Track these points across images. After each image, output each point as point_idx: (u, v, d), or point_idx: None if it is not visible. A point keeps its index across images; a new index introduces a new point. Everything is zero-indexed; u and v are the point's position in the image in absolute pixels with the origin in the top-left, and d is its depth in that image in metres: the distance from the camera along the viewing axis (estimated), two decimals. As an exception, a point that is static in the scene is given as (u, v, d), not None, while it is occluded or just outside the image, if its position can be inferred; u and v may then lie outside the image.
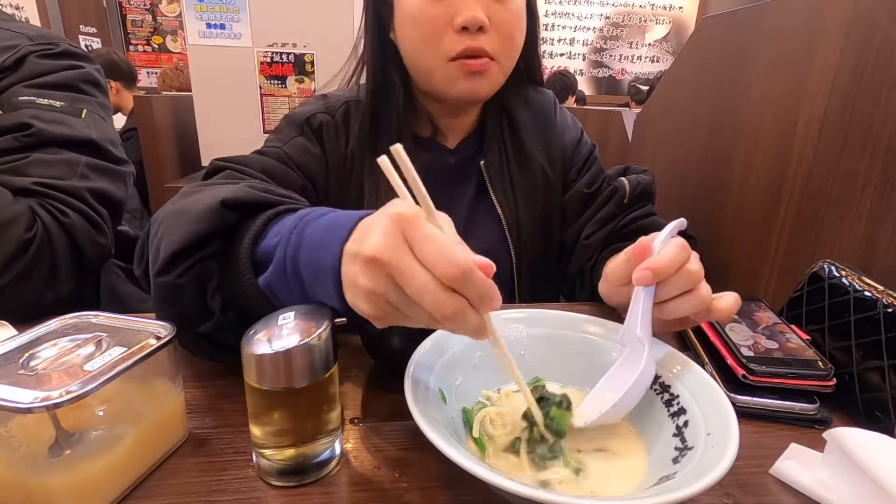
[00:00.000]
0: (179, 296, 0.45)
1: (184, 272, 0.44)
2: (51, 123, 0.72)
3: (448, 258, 0.32)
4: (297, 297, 0.42)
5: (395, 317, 0.36)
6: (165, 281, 0.45)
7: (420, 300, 0.33)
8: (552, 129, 0.82)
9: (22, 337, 0.39)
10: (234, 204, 0.46)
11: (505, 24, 0.65)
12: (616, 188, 0.77)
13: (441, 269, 0.32)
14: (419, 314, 0.34)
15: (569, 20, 5.01)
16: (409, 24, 0.66)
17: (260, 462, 0.39)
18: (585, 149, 0.84)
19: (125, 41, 4.77)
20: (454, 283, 0.32)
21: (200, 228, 0.44)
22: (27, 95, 0.73)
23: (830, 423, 0.48)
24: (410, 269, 0.32)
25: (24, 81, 0.74)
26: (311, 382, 0.37)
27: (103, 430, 0.37)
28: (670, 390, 0.43)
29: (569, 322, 0.51)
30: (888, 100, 0.61)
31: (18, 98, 0.72)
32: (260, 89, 2.44)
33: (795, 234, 0.75)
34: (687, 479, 0.33)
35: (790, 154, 0.76)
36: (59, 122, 0.73)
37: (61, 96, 0.76)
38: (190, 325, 0.45)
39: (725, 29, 0.95)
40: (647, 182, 0.79)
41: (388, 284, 0.34)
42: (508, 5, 0.65)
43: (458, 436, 0.40)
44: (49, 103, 0.73)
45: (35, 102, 0.73)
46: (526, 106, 0.81)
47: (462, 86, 0.67)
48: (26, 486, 0.34)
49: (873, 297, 0.51)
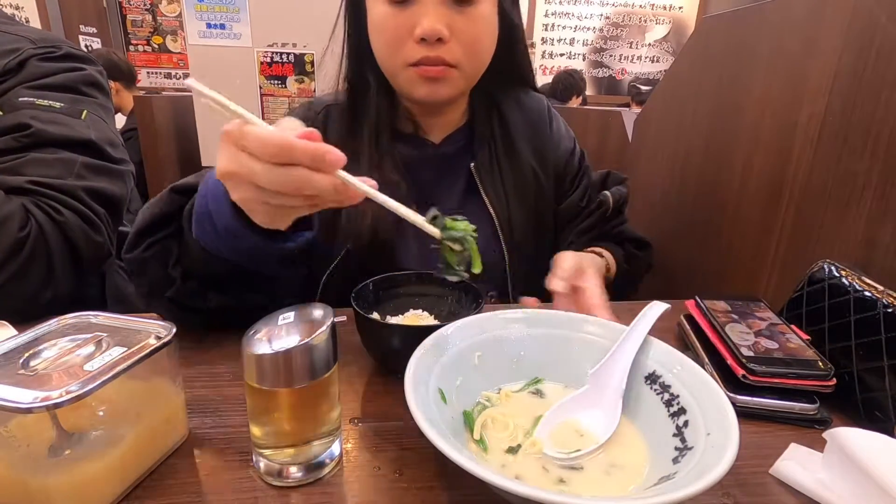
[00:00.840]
0: (145, 269, 0.55)
1: (146, 248, 0.54)
2: (49, 124, 0.72)
3: (265, 142, 0.37)
4: (210, 235, 0.49)
5: (273, 210, 0.43)
6: (132, 257, 0.55)
7: (270, 186, 0.39)
8: (545, 134, 0.83)
9: (22, 337, 0.39)
10: (183, 188, 0.55)
11: (466, 34, 0.66)
12: (601, 202, 0.84)
13: (264, 152, 0.38)
14: (281, 199, 0.40)
15: (569, 20, 5.01)
16: (374, 30, 0.68)
17: (260, 462, 0.39)
18: (577, 159, 0.86)
19: (125, 41, 4.77)
20: (284, 159, 0.38)
21: (156, 210, 0.54)
22: (27, 96, 0.73)
23: (830, 423, 0.48)
24: (247, 166, 0.39)
25: (25, 83, 0.74)
26: (311, 382, 0.37)
27: (103, 430, 0.37)
28: (670, 390, 0.43)
29: (569, 322, 0.51)
30: (888, 100, 0.61)
31: (19, 99, 0.72)
32: (260, 89, 2.44)
33: (795, 234, 0.75)
34: (687, 479, 0.33)
35: (790, 154, 0.76)
36: (58, 123, 0.73)
37: (61, 97, 0.76)
38: (158, 292, 0.54)
39: (725, 29, 0.95)
40: (625, 195, 0.85)
41: (247, 185, 0.40)
42: (471, 15, 0.66)
43: (458, 436, 0.40)
44: (48, 104, 0.74)
45: (34, 103, 0.73)
46: (517, 107, 0.82)
47: (421, 90, 0.69)
48: (26, 486, 0.34)
49: (873, 297, 0.51)
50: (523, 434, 0.43)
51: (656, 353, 0.47)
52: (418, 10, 0.64)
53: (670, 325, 0.65)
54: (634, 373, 0.46)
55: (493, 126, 0.79)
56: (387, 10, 0.65)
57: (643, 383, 0.46)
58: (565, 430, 0.44)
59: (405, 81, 0.69)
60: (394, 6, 0.65)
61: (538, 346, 0.50)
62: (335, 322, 0.38)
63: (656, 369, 0.45)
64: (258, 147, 0.38)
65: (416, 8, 0.64)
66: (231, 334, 0.56)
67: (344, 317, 0.62)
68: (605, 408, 0.45)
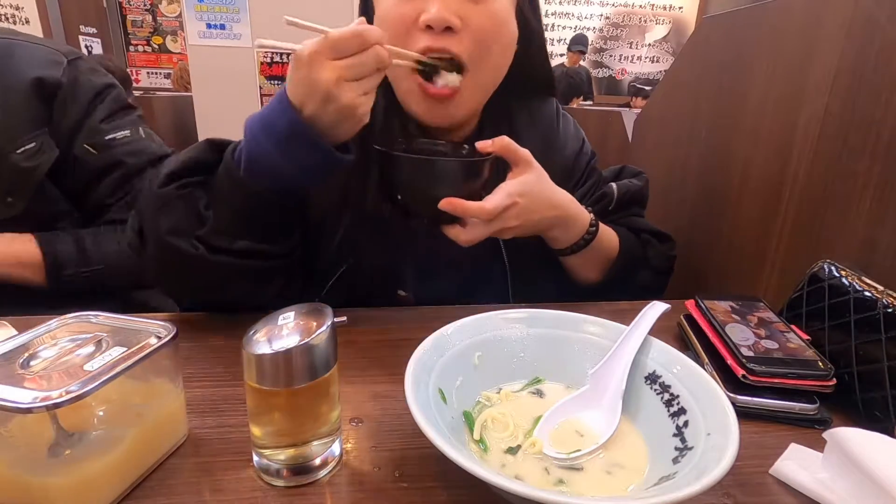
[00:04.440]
0: (177, 204, 0.57)
1: (180, 187, 0.57)
2: (131, 156, 0.86)
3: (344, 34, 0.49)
4: (266, 148, 0.53)
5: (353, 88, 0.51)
6: (165, 192, 0.57)
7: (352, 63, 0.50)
8: (554, 140, 0.79)
9: (22, 337, 0.39)
10: (220, 143, 0.60)
11: (478, 27, 0.61)
12: (605, 193, 0.78)
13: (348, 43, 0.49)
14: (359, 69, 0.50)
15: (569, 20, 5.02)
16: (380, 23, 0.63)
17: (260, 462, 0.39)
18: (584, 159, 0.81)
19: (125, 42, 4.77)
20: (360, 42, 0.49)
21: (192, 155, 0.59)
22: (108, 133, 0.85)
23: (830, 423, 0.48)
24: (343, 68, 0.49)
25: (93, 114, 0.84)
26: (310, 382, 0.37)
27: (103, 430, 0.37)
28: (670, 390, 0.43)
29: (569, 322, 0.51)
30: (888, 100, 0.61)
31: (105, 138, 0.84)
32: (260, 89, 2.44)
33: (795, 235, 0.75)
34: (687, 479, 0.33)
35: (790, 154, 0.76)
36: (138, 152, 0.87)
37: (125, 123, 0.88)
38: (188, 229, 0.56)
39: (725, 29, 0.95)
40: (636, 188, 0.79)
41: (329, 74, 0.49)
42: (486, 8, 0.61)
43: (458, 436, 0.40)
44: (124, 136, 0.86)
45: (116, 139, 0.85)
46: (529, 117, 0.77)
47: (421, 105, 0.64)
48: (26, 486, 0.34)
49: (873, 297, 0.51)
50: (523, 434, 0.43)
51: (656, 353, 0.47)
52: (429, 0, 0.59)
53: (670, 325, 0.65)
54: (634, 373, 0.46)
55: None
56: (394, 1, 0.61)
57: (643, 383, 0.46)
58: (565, 431, 0.44)
59: (406, 91, 0.64)
60: None
61: (538, 346, 0.50)
62: (335, 322, 0.38)
63: (656, 369, 0.45)
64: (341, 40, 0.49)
65: None
66: (231, 334, 0.56)
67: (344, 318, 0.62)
68: (605, 408, 0.45)
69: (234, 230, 0.57)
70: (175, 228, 0.56)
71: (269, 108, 0.54)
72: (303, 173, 0.55)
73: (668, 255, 0.80)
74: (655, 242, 0.78)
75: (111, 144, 0.84)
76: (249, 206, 0.56)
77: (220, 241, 0.56)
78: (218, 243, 0.56)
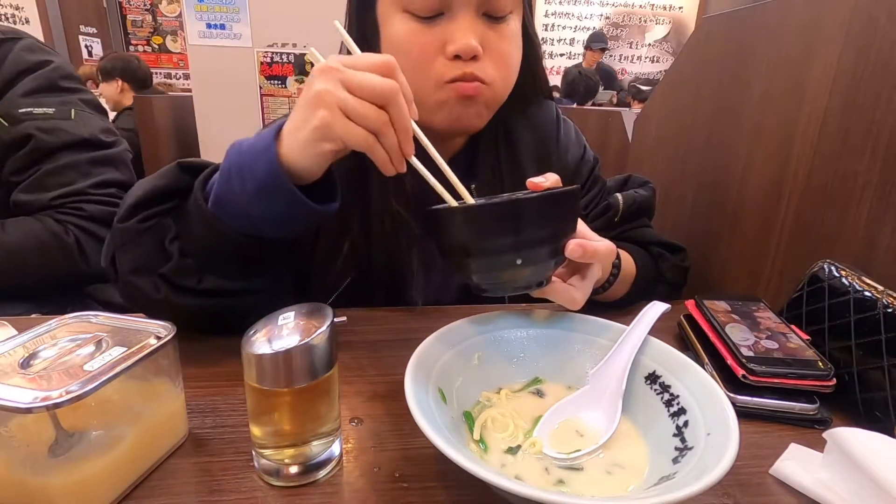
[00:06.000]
0: (139, 241, 0.52)
1: (143, 220, 0.52)
2: (49, 133, 0.83)
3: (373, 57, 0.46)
4: (239, 197, 0.48)
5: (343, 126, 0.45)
6: (126, 227, 0.52)
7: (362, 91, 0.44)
8: (553, 147, 0.77)
9: (22, 337, 0.39)
10: (190, 166, 0.54)
11: (498, 51, 0.61)
12: (610, 205, 0.76)
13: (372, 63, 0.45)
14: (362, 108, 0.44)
15: (569, 20, 5.01)
16: (397, 49, 0.61)
17: (260, 462, 0.39)
18: (587, 167, 0.79)
19: (125, 41, 4.77)
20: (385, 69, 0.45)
21: (158, 184, 0.53)
22: (26, 107, 0.82)
23: (830, 423, 0.48)
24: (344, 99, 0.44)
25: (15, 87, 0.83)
26: (311, 382, 0.37)
27: (103, 430, 0.37)
28: (670, 390, 0.43)
29: (569, 322, 0.51)
30: (888, 100, 0.61)
31: (19, 111, 0.82)
32: (260, 89, 2.44)
33: (795, 234, 0.75)
34: (687, 479, 0.33)
35: (790, 154, 0.76)
36: (57, 130, 0.83)
37: (51, 101, 0.85)
38: (149, 268, 0.52)
39: (725, 29, 0.95)
40: (643, 198, 0.77)
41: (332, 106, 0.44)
42: (503, 31, 0.62)
43: (458, 436, 0.40)
44: (44, 111, 0.83)
45: (33, 113, 0.83)
46: (527, 123, 0.75)
47: (453, 112, 0.62)
48: (26, 486, 0.34)
49: (873, 297, 0.51)
50: (523, 434, 0.43)
51: (656, 353, 0.47)
52: (450, 27, 0.59)
53: (670, 325, 0.65)
54: (634, 373, 0.46)
55: (499, 149, 0.73)
56: (412, 26, 0.60)
57: (643, 383, 0.46)
58: (565, 431, 0.44)
59: (436, 103, 0.62)
60: (421, 22, 0.60)
61: (538, 346, 0.50)
62: (335, 322, 0.38)
63: (656, 369, 0.45)
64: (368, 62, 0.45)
65: (446, 24, 0.59)
66: (231, 334, 0.56)
67: (344, 318, 0.62)
68: (605, 408, 0.45)
69: (202, 265, 0.52)
70: (136, 268, 0.52)
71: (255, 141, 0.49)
72: (277, 226, 0.51)
73: (681, 266, 0.78)
74: (668, 255, 0.76)
75: (25, 118, 0.81)
76: (218, 244, 0.51)
77: (186, 280, 0.52)
78: (182, 283, 0.52)
